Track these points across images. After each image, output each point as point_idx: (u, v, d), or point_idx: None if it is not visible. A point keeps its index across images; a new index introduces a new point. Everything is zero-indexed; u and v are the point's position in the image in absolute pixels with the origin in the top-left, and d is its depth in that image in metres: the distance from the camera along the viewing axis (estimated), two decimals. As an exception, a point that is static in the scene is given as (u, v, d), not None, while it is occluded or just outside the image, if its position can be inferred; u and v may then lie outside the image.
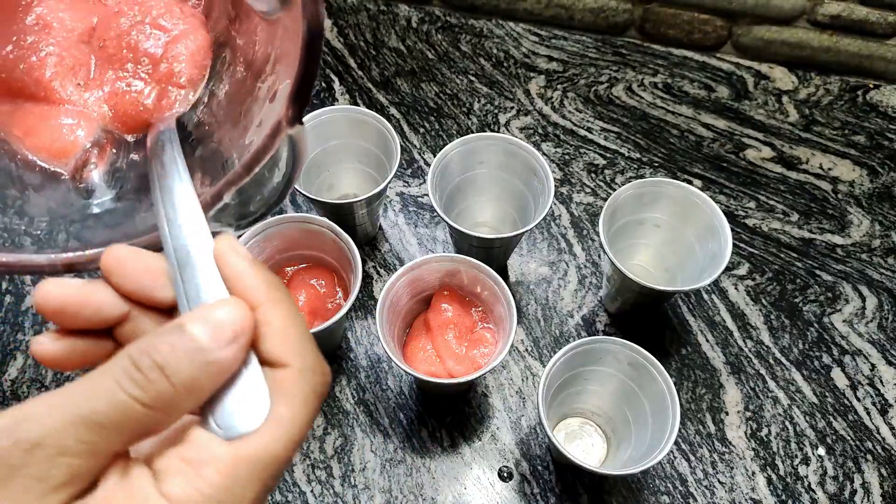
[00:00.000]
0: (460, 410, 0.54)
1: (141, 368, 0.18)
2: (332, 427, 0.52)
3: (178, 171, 0.26)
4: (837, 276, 0.61)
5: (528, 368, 0.56)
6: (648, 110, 0.72)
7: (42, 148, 0.35)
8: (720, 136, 0.70)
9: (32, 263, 0.30)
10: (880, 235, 0.64)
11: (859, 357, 0.57)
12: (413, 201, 0.65)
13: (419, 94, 0.72)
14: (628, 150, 0.69)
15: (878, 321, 0.59)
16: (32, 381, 0.54)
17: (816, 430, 0.54)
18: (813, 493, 0.51)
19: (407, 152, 0.68)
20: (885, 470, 0.52)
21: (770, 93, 0.74)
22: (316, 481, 0.50)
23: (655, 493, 0.50)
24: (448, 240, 0.62)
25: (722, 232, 0.51)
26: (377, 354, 0.56)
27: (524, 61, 0.76)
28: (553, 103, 0.72)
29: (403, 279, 0.49)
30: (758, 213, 0.65)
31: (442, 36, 0.78)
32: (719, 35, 0.76)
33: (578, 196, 0.65)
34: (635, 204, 0.55)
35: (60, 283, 0.21)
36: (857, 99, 0.73)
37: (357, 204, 0.54)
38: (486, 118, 0.71)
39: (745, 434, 0.53)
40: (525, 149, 0.55)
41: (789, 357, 0.57)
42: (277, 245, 0.53)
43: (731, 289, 0.60)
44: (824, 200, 0.66)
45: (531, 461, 0.51)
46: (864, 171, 0.68)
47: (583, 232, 0.63)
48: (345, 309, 0.47)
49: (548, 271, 0.61)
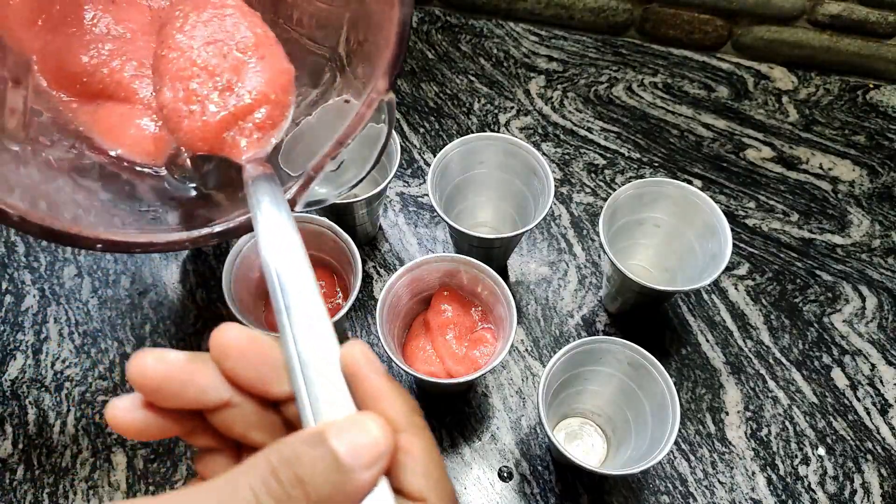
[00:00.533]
0: (460, 410, 0.54)
1: (282, 481, 0.17)
2: (332, 427, 0.52)
3: (298, 261, 0.23)
4: (837, 276, 0.61)
5: (528, 368, 0.56)
6: (648, 110, 0.72)
7: (127, 145, 0.37)
8: (720, 136, 0.70)
9: (169, 241, 0.33)
10: (880, 235, 0.64)
11: (859, 357, 0.57)
12: (413, 201, 0.65)
13: (419, 94, 0.72)
14: (628, 150, 0.69)
15: (878, 321, 0.59)
16: (32, 381, 0.54)
17: (816, 430, 0.54)
18: (813, 493, 0.51)
19: (407, 152, 0.68)
20: (885, 470, 0.52)
21: (770, 93, 0.74)
22: (316, 481, 0.50)
23: (655, 493, 0.50)
24: (448, 240, 0.62)
25: (722, 232, 0.51)
26: (377, 354, 0.56)
27: (524, 61, 0.76)
28: (553, 103, 0.72)
29: (403, 279, 0.49)
30: (758, 213, 0.65)
31: (442, 36, 0.78)
32: (719, 35, 0.76)
33: (578, 196, 0.65)
34: (635, 204, 0.55)
35: (161, 358, 0.19)
36: (857, 99, 0.73)
37: (357, 204, 0.54)
38: (486, 118, 0.71)
39: (745, 434, 0.53)
40: (525, 149, 0.55)
41: (789, 357, 0.57)
42: (277, 245, 0.53)
43: (731, 289, 0.60)
44: (824, 200, 0.66)
45: (531, 461, 0.51)
46: (864, 171, 0.68)
47: (583, 232, 0.63)
48: (345, 309, 0.47)
49: (548, 271, 0.61)
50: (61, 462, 0.51)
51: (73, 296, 0.58)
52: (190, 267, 0.60)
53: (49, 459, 0.51)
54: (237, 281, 0.50)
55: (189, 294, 0.59)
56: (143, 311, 0.58)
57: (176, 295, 0.59)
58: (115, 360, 0.55)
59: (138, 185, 0.37)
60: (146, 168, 0.38)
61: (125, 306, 0.58)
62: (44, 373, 0.55)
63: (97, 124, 0.37)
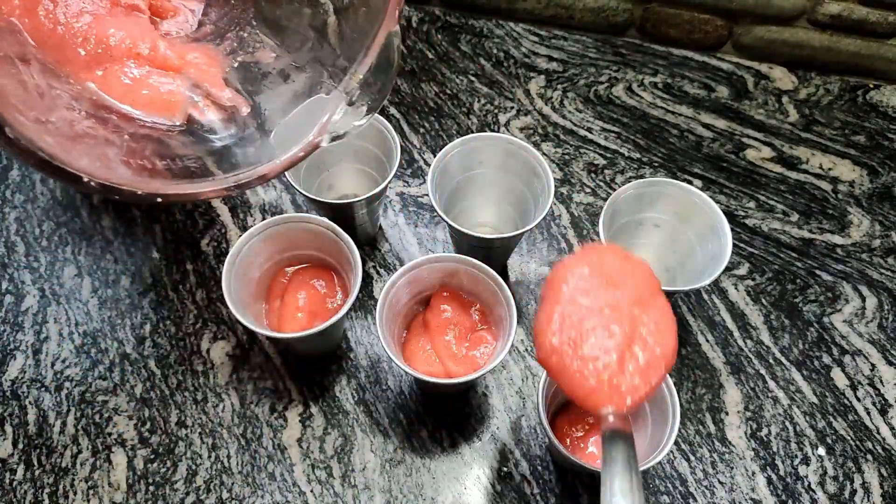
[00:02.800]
0: (460, 410, 0.54)
1: None
2: (332, 427, 0.52)
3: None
4: (837, 276, 0.61)
5: (528, 368, 0.56)
6: (648, 110, 0.72)
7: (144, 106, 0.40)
8: (720, 136, 0.70)
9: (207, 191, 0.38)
10: (880, 235, 0.64)
11: (859, 357, 0.57)
12: (413, 201, 0.65)
13: (419, 94, 0.72)
14: (628, 150, 0.69)
15: (878, 321, 0.59)
16: (32, 381, 0.54)
17: (816, 430, 0.54)
18: (813, 493, 0.51)
19: (407, 152, 0.68)
20: (885, 470, 0.52)
21: (770, 93, 0.74)
22: (316, 481, 0.50)
23: (655, 493, 0.50)
24: (448, 240, 0.62)
25: (722, 232, 0.51)
26: (377, 354, 0.56)
27: (524, 61, 0.76)
28: (553, 103, 0.72)
29: (403, 279, 0.49)
30: (758, 213, 0.65)
31: (442, 36, 0.78)
32: (719, 35, 0.76)
33: (578, 196, 0.65)
34: (635, 204, 0.55)
35: None
36: (857, 99, 0.73)
37: (357, 204, 0.54)
38: (486, 118, 0.71)
39: (745, 434, 0.53)
40: (525, 149, 0.55)
41: (789, 357, 0.57)
42: (277, 245, 0.53)
43: (731, 289, 0.60)
44: (824, 200, 0.66)
45: (531, 461, 0.51)
46: (864, 171, 0.68)
47: (583, 232, 0.63)
48: (345, 309, 0.47)
49: (548, 271, 0.61)
50: (61, 462, 0.51)
51: (73, 296, 0.58)
52: (190, 267, 0.60)
53: (49, 459, 0.51)
54: (237, 281, 0.50)
55: (189, 294, 0.59)
56: (143, 311, 0.58)
57: (176, 295, 0.59)
58: (115, 360, 0.55)
59: (168, 141, 0.41)
60: (169, 125, 0.42)
61: (125, 306, 0.58)
62: (44, 373, 0.55)
63: (110, 91, 0.40)
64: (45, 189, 0.64)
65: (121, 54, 0.41)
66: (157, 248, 0.61)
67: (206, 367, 0.55)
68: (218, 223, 0.63)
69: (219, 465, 0.51)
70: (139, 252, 0.61)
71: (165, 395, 0.54)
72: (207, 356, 0.56)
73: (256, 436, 0.52)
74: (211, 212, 0.63)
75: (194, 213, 0.63)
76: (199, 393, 0.54)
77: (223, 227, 0.63)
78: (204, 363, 0.55)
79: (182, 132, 0.41)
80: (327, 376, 0.55)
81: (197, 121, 0.42)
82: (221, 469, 0.51)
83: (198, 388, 0.54)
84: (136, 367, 0.55)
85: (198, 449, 0.52)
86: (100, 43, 0.40)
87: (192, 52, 0.44)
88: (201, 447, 0.52)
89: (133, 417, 0.53)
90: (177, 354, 0.56)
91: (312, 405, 0.53)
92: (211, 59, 0.45)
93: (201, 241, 0.62)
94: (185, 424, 0.52)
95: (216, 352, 0.56)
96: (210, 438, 0.52)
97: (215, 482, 0.50)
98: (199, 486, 0.50)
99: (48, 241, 0.61)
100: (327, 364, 0.55)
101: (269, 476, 0.50)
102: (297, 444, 0.52)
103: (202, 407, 0.53)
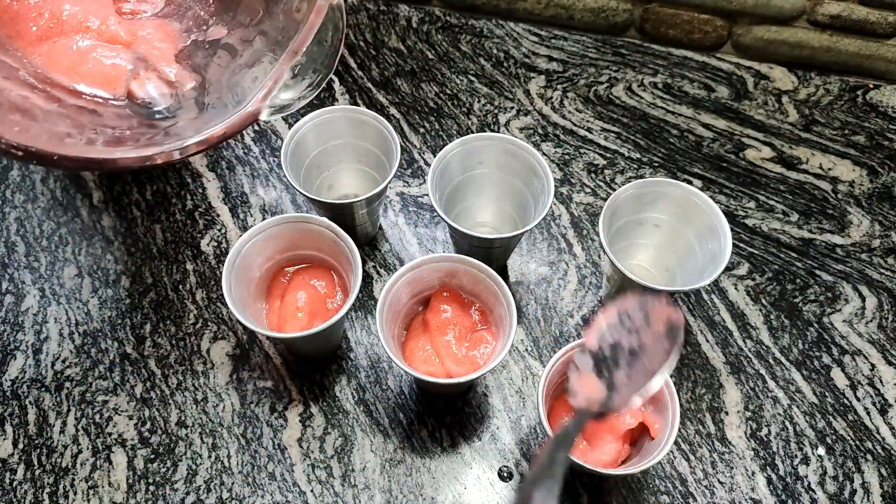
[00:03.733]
0: (460, 410, 0.54)
1: None
2: (332, 427, 0.53)
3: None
4: (837, 276, 0.61)
5: (528, 368, 0.56)
6: (648, 110, 0.72)
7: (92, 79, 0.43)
8: (720, 136, 0.70)
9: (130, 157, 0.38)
10: (880, 235, 0.64)
11: (859, 357, 0.57)
12: (413, 201, 0.65)
13: (419, 94, 0.72)
14: (628, 150, 0.69)
15: (878, 321, 0.59)
16: (32, 381, 0.54)
17: (816, 430, 0.54)
18: (813, 493, 0.51)
19: (407, 152, 0.68)
20: (885, 470, 0.52)
21: (770, 93, 0.74)
22: (316, 481, 0.50)
23: (655, 493, 0.51)
24: (448, 240, 0.62)
25: (722, 232, 0.51)
26: (377, 354, 0.56)
27: (524, 61, 0.76)
28: (553, 103, 0.72)
29: (403, 279, 0.49)
30: (758, 213, 0.65)
31: (442, 36, 0.78)
32: (719, 35, 0.76)
33: (578, 196, 0.65)
34: (635, 204, 0.55)
35: None
36: (857, 99, 0.73)
37: (357, 204, 0.54)
38: (486, 118, 0.71)
39: (745, 434, 0.53)
40: (525, 149, 0.55)
41: (789, 357, 0.57)
42: (277, 245, 0.53)
43: (730, 289, 0.60)
44: (824, 200, 0.66)
45: (531, 461, 0.51)
46: (864, 171, 0.68)
47: (583, 232, 0.63)
48: (345, 309, 0.47)
49: (548, 271, 0.61)
50: (61, 462, 0.51)
51: (73, 296, 0.58)
52: (190, 267, 0.60)
53: (49, 459, 0.51)
54: (237, 281, 0.50)
55: (189, 294, 0.59)
56: (143, 311, 0.58)
57: (176, 295, 0.59)
58: (115, 360, 0.55)
59: (103, 111, 0.42)
60: (108, 97, 0.43)
61: (125, 306, 0.58)
62: (44, 373, 0.55)
63: (55, 63, 0.42)
64: (45, 189, 0.64)
65: (71, 29, 0.43)
66: (157, 248, 0.61)
67: (206, 367, 0.55)
68: (218, 223, 0.63)
69: (219, 465, 0.51)
70: (139, 252, 0.61)
71: (165, 395, 0.54)
72: (207, 356, 0.56)
73: (256, 436, 0.52)
74: (211, 212, 0.63)
75: (194, 213, 0.63)
76: (199, 393, 0.54)
77: (223, 227, 0.63)
78: (204, 363, 0.55)
79: (119, 104, 0.43)
80: (327, 376, 0.55)
81: (136, 94, 0.44)
82: (221, 469, 0.51)
83: (198, 388, 0.54)
84: (136, 367, 0.55)
85: (198, 449, 0.52)
86: (52, 18, 0.42)
87: (146, 29, 0.46)
88: (201, 447, 0.52)
89: (133, 417, 0.53)
90: (177, 354, 0.56)
91: (312, 405, 0.53)
92: (166, 35, 0.46)
93: (201, 241, 0.62)
94: (185, 424, 0.53)
95: (216, 352, 0.56)
96: (210, 438, 0.52)
97: (215, 482, 0.50)
98: (199, 486, 0.50)
99: (48, 241, 0.61)
100: (327, 364, 0.55)
101: (269, 476, 0.50)
102: (297, 443, 0.52)
103: (202, 407, 0.53)
